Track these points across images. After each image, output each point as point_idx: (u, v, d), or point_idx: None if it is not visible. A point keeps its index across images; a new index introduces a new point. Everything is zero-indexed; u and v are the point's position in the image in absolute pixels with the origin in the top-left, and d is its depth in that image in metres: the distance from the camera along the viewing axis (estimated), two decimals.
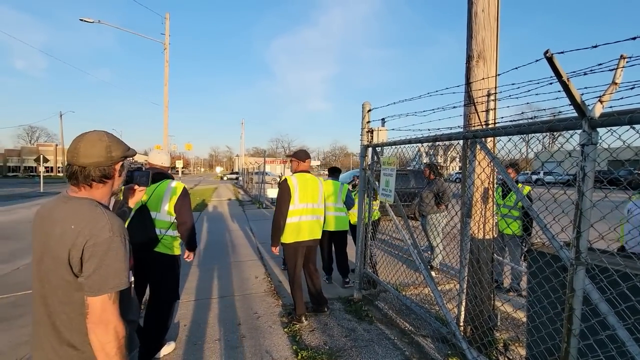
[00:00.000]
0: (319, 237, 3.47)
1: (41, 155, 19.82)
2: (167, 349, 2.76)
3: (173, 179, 2.69)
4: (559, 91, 1.75)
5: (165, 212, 2.58)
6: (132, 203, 1.56)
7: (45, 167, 19.95)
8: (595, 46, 1.37)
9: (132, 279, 1.27)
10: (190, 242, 2.76)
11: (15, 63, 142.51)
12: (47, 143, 62.24)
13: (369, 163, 3.94)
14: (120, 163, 1.23)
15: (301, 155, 3.46)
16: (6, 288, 4.29)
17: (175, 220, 2.62)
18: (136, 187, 1.53)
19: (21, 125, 74.52)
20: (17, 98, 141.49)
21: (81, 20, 13.35)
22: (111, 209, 1.37)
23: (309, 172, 3.48)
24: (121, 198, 1.58)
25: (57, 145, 53.89)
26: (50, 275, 1.10)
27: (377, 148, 3.84)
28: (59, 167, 53.38)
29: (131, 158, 1.34)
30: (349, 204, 4.57)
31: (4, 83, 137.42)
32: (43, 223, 1.14)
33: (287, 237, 3.28)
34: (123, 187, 1.52)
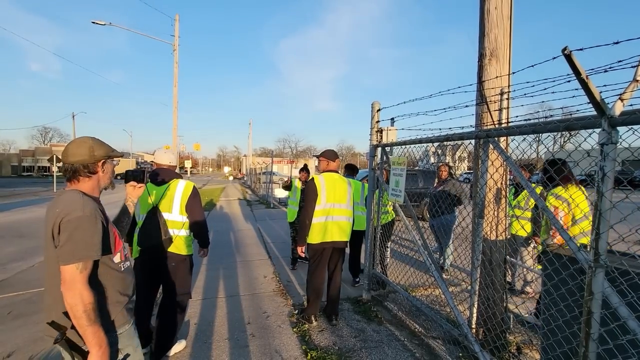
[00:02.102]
0: (347, 239, 3.38)
1: (54, 156, 20.23)
2: (178, 346, 2.79)
3: (182, 178, 2.71)
4: (576, 89, 1.70)
5: (177, 213, 2.60)
6: (135, 198, 1.76)
7: (59, 167, 20.37)
8: (617, 42, 1.33)
9: (119, 259, 1.45)
10: (203, 240, 2.79)
11: (30, 65, 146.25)
12: (60, 143, 63.64)
13: (378, 163, 3.91)
14: (103, 161, 1.45)
15: (330, 155, 3.41)
16: (22, 285, 4.39)
17: (187, 220, 2.64)
18: (133, 184, 1.73)
19: (35, 126, 76.49)
20: (31, 99, 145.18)
21: (93, 22, 13.59)
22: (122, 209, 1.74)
23: (337, 172, 3.43)
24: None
25: None
26: (48, 254, 1.32)
27: (386, 148, 3.81)
28: None
29: (118, 158, 1.56)
30: (368, 203, 4.54)
31: (20, 85, 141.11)
32: (46, 212, 1.36)
33: (313, 238, 3.24)
34: (125, 185, 1.74)
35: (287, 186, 5.55)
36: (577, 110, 1.76)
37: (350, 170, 4.81)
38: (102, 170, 1.45)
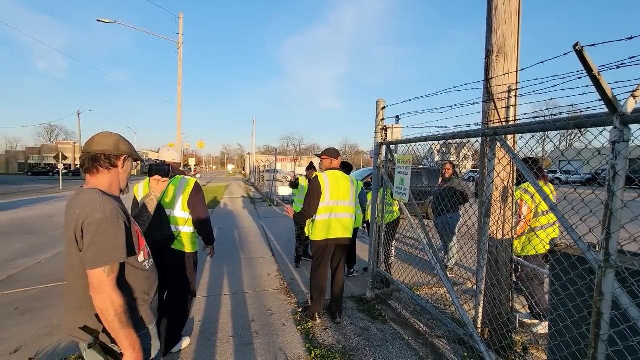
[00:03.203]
0: (350, 236, 3.39)
1: (60, 153, 20.40)
2: (182, 343, 2.80)
3: (185, 175, 2.71)
4: (587, 86, 1.68)
5: (180, 209, 2.60)
6: (158, 192, 1.75)
7: (64, 165, 20.54)
8: (631, 38, 1.29)
9: (143, 258, 1.42)
10: (207, 236, 2.79)
11: (37, 64, 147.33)
12: (65, 141, 64.19)
13: (383, 161, 3.89)
14: (124, 157, 1.41)
15: (332, 153, 3.43)
16: (29, 281, 4.44)
17: (190, 217, 2.64)
18: (158, 178, 1.72)
19: (41, 124, 77.11)
20: (38, 97, 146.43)
21: (98, 20, 13.65)
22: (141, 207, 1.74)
23: (339, 169, 3.44)
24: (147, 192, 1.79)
25: (75, 143, 55.56)
26: (70, 255, 1.28)
27: (391, 146, 3.79)
28: (76, 165, 55.06)
29: (136, 162, 1.52)
30: (362, 202, 4.55)
31: (26, 83, 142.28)
32: (65, 212, 1.32)
33: (317, 235, 3.26)
34: (149, 179, 1.74)
35: (294, 184, 5.55)
36: (588, 108, 1.73)
37: (345, 169, 4.82)
38: (122, 166, 1.41)
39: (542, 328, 3.07)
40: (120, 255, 1.25)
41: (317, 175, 3.30)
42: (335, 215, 3.26)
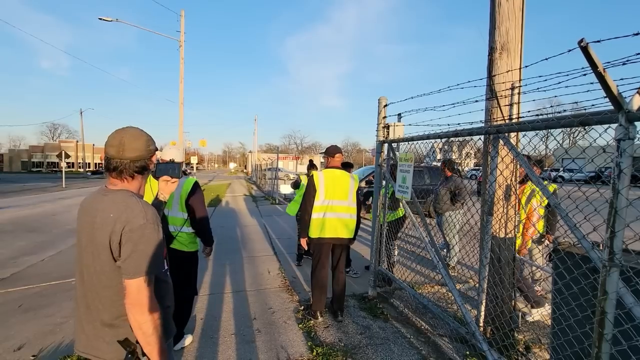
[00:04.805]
0: (348, 236, 3.34)
1: (63, 151, 20.50)
2: (185, 341, 2.80)
3: (186, 174, 2.71)
4: (592, 83, 1.65)
5: (177, 209, 2.59)
6: (167, 194, 1.58)
7: (67, 163, 20.65)
8: (637, 34, 1.27)
9: (167, 267, 1.36)
10: (206, 238, 2.77)
11: (40, 63, 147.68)
12: (68, 139, 64.52)
13: (385, 159, 3.87)
14: (152, 155, 1.32)
15: (330, 151, 3.42)
16: (32, 279, 4.46)
17: (188, 217, 2.62)
18: (167, 178, 1.58)
19: (44, 123, 77.41)
20: (40, 96, 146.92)
21: (100, 19, 13.66)
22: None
23: (339, 168, 3.42)
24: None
25: (77, 141, 55.84)
26: (94, 262, 1.17)
27: (393, 144, 3.77)
28: (79, 163, 55.39)
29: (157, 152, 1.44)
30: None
31: (29, 82, 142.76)
32: (86, 214, 1.21)
33: (312, 232, 3.28)
34: (158, 180, 1.59)
35: (296, 185, 5.56)
36: (593, 105, 1.71)
37: (347, 168, 4.88)
38: (152, 165, 1.32)
39: (539, 314, 3.24)
40: (162, 264, 1.17)
41: (312, 174, 3.31)
42: (330, 215, 3.25)
